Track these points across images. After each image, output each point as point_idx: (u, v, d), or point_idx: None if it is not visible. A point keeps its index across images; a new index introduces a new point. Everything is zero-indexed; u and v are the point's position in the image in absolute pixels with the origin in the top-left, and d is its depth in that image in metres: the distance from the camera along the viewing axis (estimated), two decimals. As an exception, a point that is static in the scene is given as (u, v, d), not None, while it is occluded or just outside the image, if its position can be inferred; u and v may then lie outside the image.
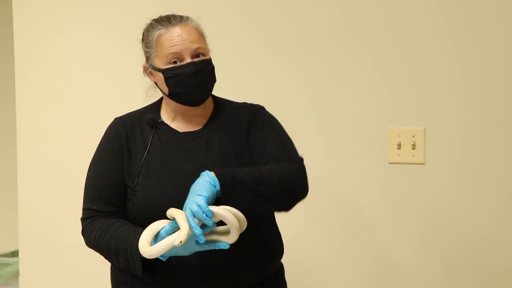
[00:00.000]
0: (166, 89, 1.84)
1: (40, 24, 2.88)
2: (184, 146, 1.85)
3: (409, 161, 2.50)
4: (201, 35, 1.85)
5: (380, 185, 2.53)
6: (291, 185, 1.76)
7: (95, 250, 1.82)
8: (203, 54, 1.83)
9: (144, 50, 1.89)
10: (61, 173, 2.87)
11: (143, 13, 2.68)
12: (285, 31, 2.60)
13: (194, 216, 1.54)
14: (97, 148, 1.91)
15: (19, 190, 2.93)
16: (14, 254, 4.17)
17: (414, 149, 2.48)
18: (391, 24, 2.49)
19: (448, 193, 2.48)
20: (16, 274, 3.47)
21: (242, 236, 1.64)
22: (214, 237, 1.62)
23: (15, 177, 2.93)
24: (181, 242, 1.52)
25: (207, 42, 1.88)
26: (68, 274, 2.89)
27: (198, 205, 1.56)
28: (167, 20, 1.84)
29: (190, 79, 1.80)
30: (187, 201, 1.59)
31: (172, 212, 1.61)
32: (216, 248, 1.61)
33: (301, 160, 1.84)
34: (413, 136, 2.48)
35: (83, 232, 1.84)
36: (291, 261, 2.08)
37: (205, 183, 1.61)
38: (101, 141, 1.91)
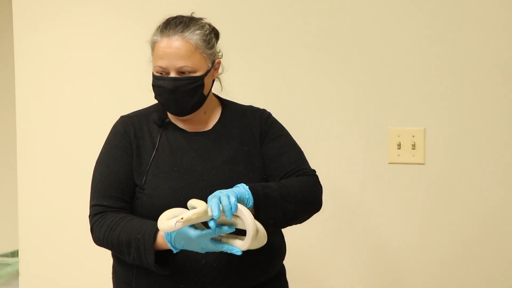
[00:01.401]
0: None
1: (40, 23, 2.87)
2: (194, 146, 1.86)
3: (409, 161, 2.50)
4: (195, 50, 1.80)
5: (380, 185, 2.53)
6: (312, 201, 1.85)
7: (104, 246, 1.80)
8: (190, 72, 1.80)
9: None
10: (61, 173, 2.86)
11: (143, 13, 2.70)
12: (285, 31, 2.59)
13: (220, 203, 1.58)
14: (105, 145, 1.90)
15: (19, 190, 2.93)
16: (14, 254, 4.17)
17: (414, 149, 2.48)
18: (391, 25, 2.49)
19: (448, 193, 2.48)
20: (16, 274, 3.47)
21: None
22: (230, 240, 1.63)
23: (15, 177, 2.93)
24: (182, 218, 1.54)
25: (215, 49, 1.86)
26: (68, 274, 2.89)
27: (228, 195, 1.59)
28: (166, 27, 1.82)
29: (168, 93, 1.80)
30: (219, 191, 1.62)
31: (193, 202, 1.62)
32: (228, 251, 1.62)
33: (315, 173, 1.92)
34: (413, 136, 2.48)
35: (92, 229, 1.81)
36: (291, 261, 2.08)
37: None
38: (108, 138, 1.90)
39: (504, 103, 2.41)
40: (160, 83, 1.80)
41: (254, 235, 1.60)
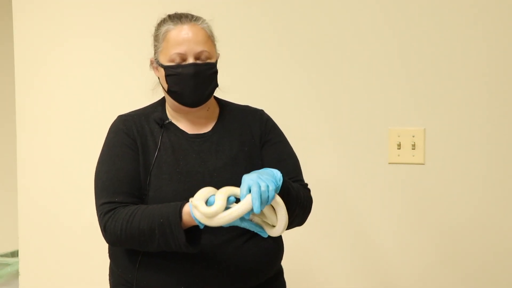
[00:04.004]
0: (165, 86, 1.84)
1: (40, 23, 2.87)
2: (195, 148, 1.85)
3: (409, 161, 2.50)
4: (209, 38, 1.84)
5: (380, 185, 2.53)
6: (307, 213, 1.88)
7: (122, 241, 1.75)
8: (207, 57, 1.82)
9: (153, 44, 1.88)
10: (61, 173, 2.86)
11: (144, 13, 2.70)
12: (285, 32, 2.60)
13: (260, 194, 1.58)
14: (106, 144, 1.86)
15: (19, 190, 2.93)
16: (14, 254, 4.17)
17: (414, 149, 2.49)
18: (391, 25, 2.49)
19: (447, 193, 2.48)
20: (16, 274, 3.47)
21: (249, 236, 1.75)
22: (262, 222, 1.66)
23: (15, 177, 2.93)
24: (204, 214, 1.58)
25: (216, 46, 1.88)
26: (68, 274, 2.89)
27: (268, 186, 1.59)
28: (178, 18, 1.84)
29: (189, 79, 1.80)
30: (257, 176, 1.61)
31: (219, 195, 1.61)
32: (256, 231, 1.66)
33: (308, 186, 1.94)
34: (413, 136, 2.49)
35: (105, 227, 1.75)
36: (290, 261, 2.08)
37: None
38: (108, 137, 1.87)
39: (504, 103, 2.41)
40: (180, 71, 1.80)
41: (286, 225, 1.63)
